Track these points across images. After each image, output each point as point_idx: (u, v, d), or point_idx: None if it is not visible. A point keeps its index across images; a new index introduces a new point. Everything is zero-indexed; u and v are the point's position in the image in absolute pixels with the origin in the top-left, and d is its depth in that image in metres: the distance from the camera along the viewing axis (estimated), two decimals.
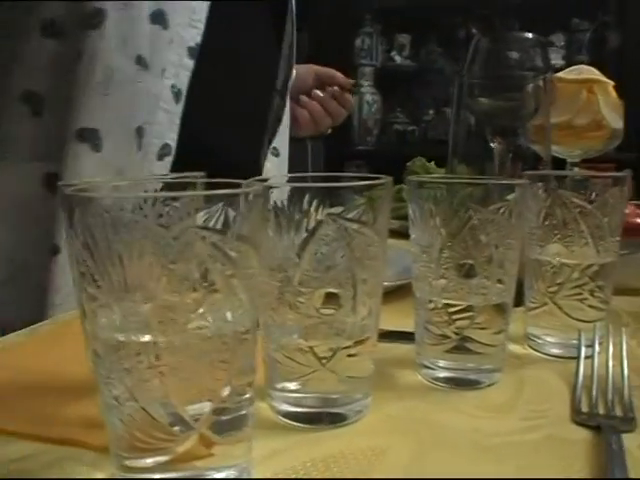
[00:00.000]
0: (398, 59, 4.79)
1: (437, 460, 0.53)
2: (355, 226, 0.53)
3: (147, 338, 0.42)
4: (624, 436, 0.56)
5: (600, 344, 0.72)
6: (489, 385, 0.67)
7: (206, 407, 0.44)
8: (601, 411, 0.61)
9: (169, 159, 1.10)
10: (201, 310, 0.42)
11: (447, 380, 0.67)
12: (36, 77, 1.04)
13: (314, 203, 0.53)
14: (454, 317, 0.64)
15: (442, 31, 4.69)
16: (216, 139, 1.17)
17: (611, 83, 1.33)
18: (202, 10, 1.11)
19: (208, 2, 1.12)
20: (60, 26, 1.03)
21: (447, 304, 0.64)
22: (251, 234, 0.43)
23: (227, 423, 0.45)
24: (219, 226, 0.42)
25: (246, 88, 1.27)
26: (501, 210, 0.62)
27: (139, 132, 1.06)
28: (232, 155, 1.19)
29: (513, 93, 0.98)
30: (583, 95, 1.29)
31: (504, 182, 0.65)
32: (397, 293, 0.88)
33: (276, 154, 1.43)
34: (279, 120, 1.43)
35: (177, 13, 1.08)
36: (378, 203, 0.55)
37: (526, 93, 0.97)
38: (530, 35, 1.04)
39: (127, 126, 1.05)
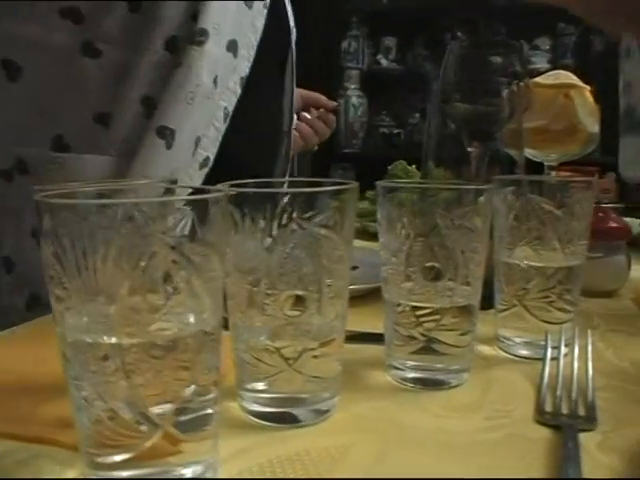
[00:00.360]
0: (384, 62, 4.81)
1: (401, 459, 0.54)
2: (321, 231, 0.55)
3: (113, 340, 0.43)
4: (585, 435, 0.58)
5: (567, 346, 0.74)
6: (457, 385, 0.68)
7: (171, 406, 0.45)
8: (565, 411, 0.62)
9: (206, 170, 1.19)
10: (163, 312, 0.43)
11: (415, 380, 0.68)
12: (152, 84, 1.11)
13: (282, 208, 0.54)
14: (421, 319, 0.66)
15: (428, 34, 4.70)
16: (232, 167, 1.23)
17: (587, 88, 1.34)
18: (255, 46, 1.22)
19: (257, 41, 1.22)
20: (178, 41, 1.11)
21: (414, 306, 0.66)
22: (215, 239, 0.45)
23: (192, 421, 0.47)
24: (186, 230, 0.44)
25: (255, 130, 1.34)
26: (467, 215, 0.64)
27: (197, 141, 1.15)
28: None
29: (488, 98, 0.99)
30: (560, 100, 1.31)
31: (471, 187, 0.66)
32: (372, 295, 0.90)
33: None
34: (288, 160, 1.49)
35: (243, 45, 1.19)
36: (344, 208, 0.56)
37: (501, 98, 0.98)
38: (506, 40, 1.05)
39: (192, 134, 1.14)
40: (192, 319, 0.45)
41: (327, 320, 0.57)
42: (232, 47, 1.17)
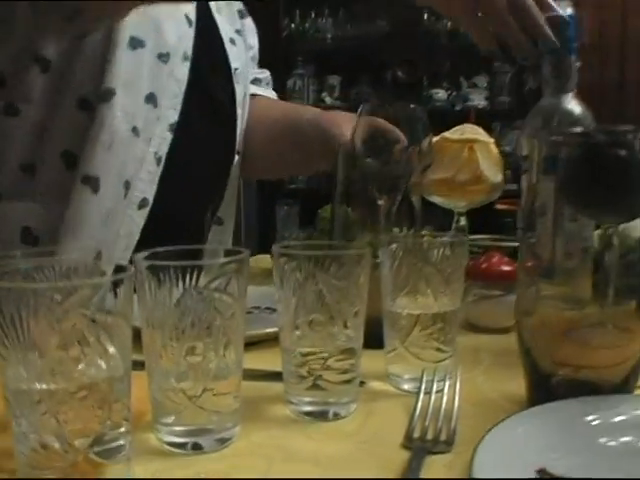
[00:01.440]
0: (328, 100, 4.95)
1: (280, 473, 0.68)
2: (215, 294, 0.68)
3: (43, 386, 0.56)
4: (440, 456, 0.71)
5: (441, 381, 0.86)
6: (345, 416, 0.81)
7: (91, 437, 0.58)
8: (429, 437, 0.75)
9: (146, 210, 1.32)
10: (81, 363, 0.56)
11: (309, 413, 0.80)
12: (70, 138, 1.25)
13: (187, 276, 0.67)
14: (309, 361, 0.78)
15: (371, 73, 4.86)
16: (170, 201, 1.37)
17: (491, 141, 1.48)
18: (180, 94, 1.35)
19: (184, 89, 1.35)
20: (89, 101, 1.25)
21: (302, 351, 0.79)
22: (123, 308, 0.58)
23: (108, 449, 0.59)
24: (101, 300, 0.57)
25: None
26: (345, 276, 0.77)
27: (126, 184, 1.28)
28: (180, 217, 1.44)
29: (393, 157, 1.12)
30: (464, 153, 1.44)
31: (349, 252, 0.80)
32: None
33: (219, 223, 1.61)
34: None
35: (165, 97, 1.32)
36: (236, 274, 0.69)
37: (405, 157, 1.12)
38: (412, 105, 1.19)
39: (119, 178, 1.27)
40: (104, 367, 0.58)
41: (223, 365, 0.69)
42: (151, 99, 1.29)
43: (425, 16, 4.86)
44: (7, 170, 1.25)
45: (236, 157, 1.59)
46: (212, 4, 1.48)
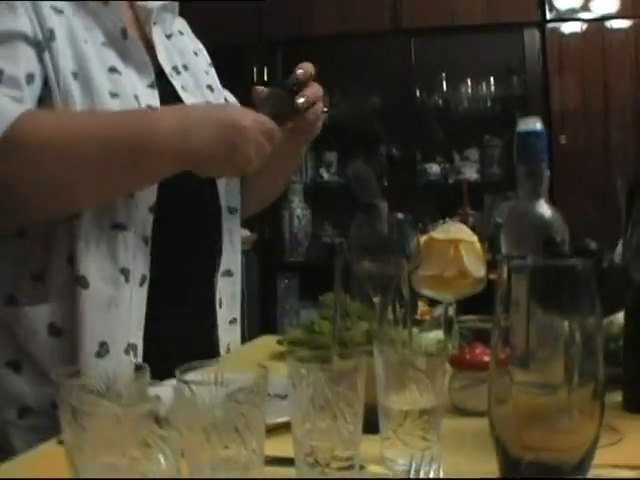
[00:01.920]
0: (326, 175, 5.13)
1: None
2: (240, 404, 0.84)
3: None
4: None
5: (427, 466, 1.00)
6: None
7: None
8: None
9: (146, 284, 1.50)
10: (149, 460, 0.72)
11: None
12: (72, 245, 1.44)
13: (214, 387, 0.85)
14: (316, 450, 0.94)
15: (366, 149, 5.04)
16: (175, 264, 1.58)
17: (475, 239, 1.65)
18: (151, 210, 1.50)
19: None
20: None
21: (312, 443, 0.94)
22: (173, 418, 0.74)
23: None
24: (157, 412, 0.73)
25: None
26: (345, 381, 0.93)
27: (123, 271, 1.45)
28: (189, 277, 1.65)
29: (384, 262, 1.29)
30: (450, 252, 1.60)
31: (347, 364, 0.96)
32: None
33: (229, 274, 1.76)
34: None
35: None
36: (257, 391, 0.85)
37: (396, 261, 1.29)
38: (400, 215, 1.36)
39: (113, 267, 1.45)
40: (163, 463, 0.74)
41: (249, 457, 0.85)
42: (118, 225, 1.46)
43: (417, 93, 5.08)
44: (23, 281, 1.45)
45: (223, 211, 1.72)
46: (176, 84, 1.65)
